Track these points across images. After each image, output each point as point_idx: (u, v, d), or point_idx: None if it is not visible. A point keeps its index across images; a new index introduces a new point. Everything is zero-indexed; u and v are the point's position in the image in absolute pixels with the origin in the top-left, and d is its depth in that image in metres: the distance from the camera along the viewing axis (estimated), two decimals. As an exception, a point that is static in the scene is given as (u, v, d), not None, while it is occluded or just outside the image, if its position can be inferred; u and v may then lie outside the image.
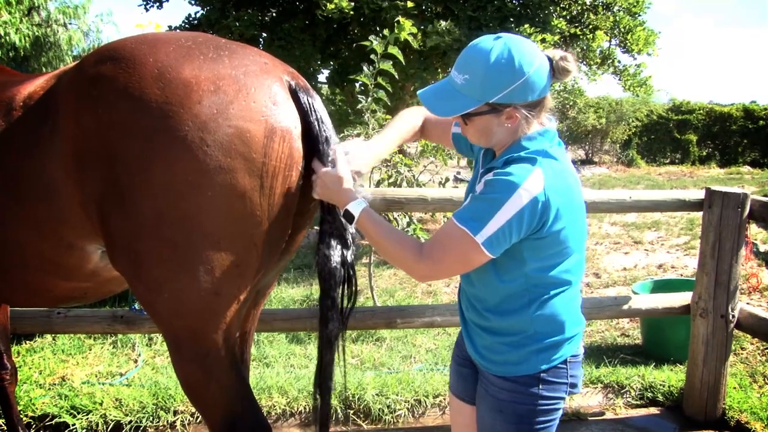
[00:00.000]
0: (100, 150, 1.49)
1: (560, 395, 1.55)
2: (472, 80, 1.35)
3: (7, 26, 12.20)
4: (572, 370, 1.56)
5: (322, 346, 1.77)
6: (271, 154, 1.51)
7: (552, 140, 1.46)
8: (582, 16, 9.76)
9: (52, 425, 2.88)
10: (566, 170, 1.45)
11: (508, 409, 1.55)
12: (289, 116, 1.56)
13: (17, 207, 1.65)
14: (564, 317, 1.52)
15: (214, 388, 1.64)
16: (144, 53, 1.52)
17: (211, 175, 1.45)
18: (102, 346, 4.05)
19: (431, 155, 6.10)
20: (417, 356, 4.03)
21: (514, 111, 1.38)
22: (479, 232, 1.35)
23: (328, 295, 1.69)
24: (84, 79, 1.56)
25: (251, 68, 1.55)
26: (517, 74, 1.33)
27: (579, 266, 1.53)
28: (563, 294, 1.51)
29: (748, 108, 18.91)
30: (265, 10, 9.07)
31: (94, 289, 1.87)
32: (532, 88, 1.36)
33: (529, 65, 1.34)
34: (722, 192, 2.88)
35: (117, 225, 1.51)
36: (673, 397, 3.23)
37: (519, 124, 1.42)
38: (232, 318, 1.61)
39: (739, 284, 2.97)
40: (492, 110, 1.38)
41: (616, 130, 17.16)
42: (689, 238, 7.33)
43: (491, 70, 1.33)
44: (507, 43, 1.35)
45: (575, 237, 1.46)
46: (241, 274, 1.56)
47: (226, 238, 1.51)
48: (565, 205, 1.39)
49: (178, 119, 1.44)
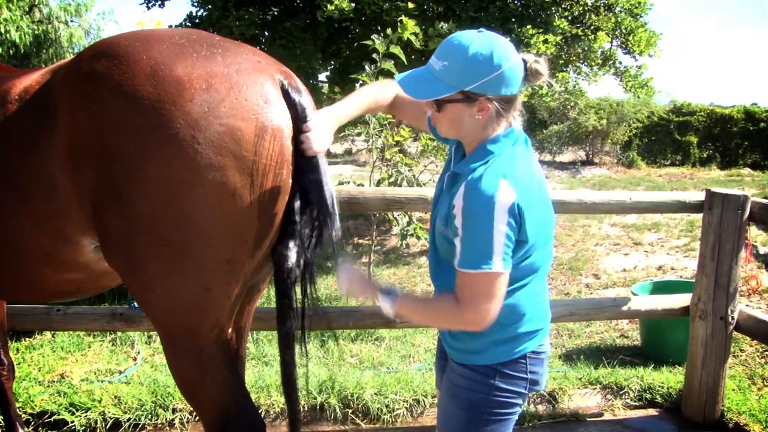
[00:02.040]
0: (94, 146, 1.50)
1: (518, 390, 1.56)
2: (451, 67, 1.39)
3: (8, 23, 12.19)
4: (533, 366, 1.56)
5: (281, 344, 1.78)
6: (261, 152, 1.51)
7: (516, 140, 1.49)
8: (584, 16, 9.75)
9: (50, 422, 2.87)
10: (530, 169, 1.48)
11: (462, 395, 1.57)
12: (281, 115, 1.57)
13: (12, 200, 1.65)
14: (526, 310, 1.53)
15: (208, 384, 1.65)
16: (138, 50, 1.53)
17: (203, 173, 1.46)
18: (101, 343, 4.05)
19: (432, 155, 6.10)
20: (416, 356, 4.04)
21: (487, 102, 1.41)
22: (493, 264, 1.37)
23: (284, 294, 1.69)
24: (79, 75, 1.56)
25: (244, 66, 1.56)
26: (495, 66, 1.38)
27: (545, 260, 1.55)
28: (527, 287, 1.52)
29: (749, 110, 18.89)
30: (266, 9, 9.07)
31: (88, 282, 1.87)
32: (507, 83, 1.40)
33: (506, 60, 1.39)
34: (722, 194, 2.88)
35: (111, 221, 1.52)
36: (672, 398, 3.23)
37: (489, 119, 1.44)
38: (225, 314, 1.62)
39: (738, 286, 2.98)
40: (466, 99, 1.41)
41: (617, 132, 17.14)
42: (689, 239, 7.33)
43: (470, 59, 1.37)
44: (488, 37, 1.41)
45: (540, 233, 1.48)
46: (232, 270, 1.57)
47: (217, 235, 1.51)
48: (531, 205, 1.42)
49: (171, 117, 1.45)
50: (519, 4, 8.48)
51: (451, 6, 8.17)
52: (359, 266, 1.60)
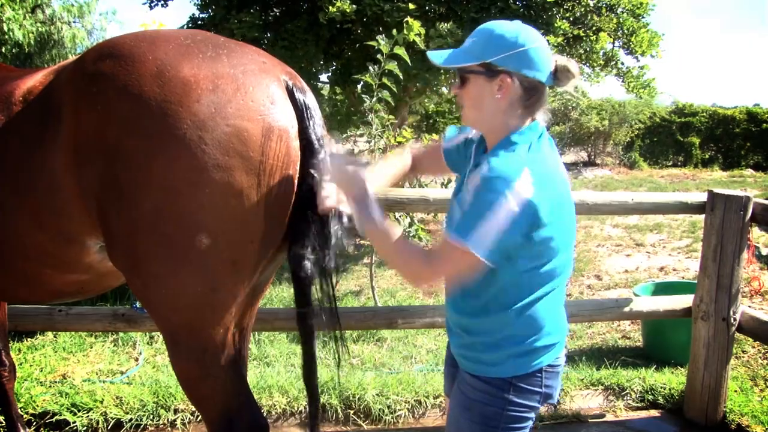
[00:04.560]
0: (99, 146, 1.50)
1: (532, 404, 1.52)
2: (477, 41, 1.44)
3: (11, 23, 12.22)
4: (548, 380, 1.53)
5: (303, 341, 1.81)
6: (268, 153, 1.52)
7: (541, 135, 1.46)
8: (585, 17, 9.74)
9: (52, 423, 2.88)
10: (554, 168, 1.45)
11: (475, 408, 1.53)
12: (287, 115, 1.57)
13: (17, 199, 1.65)
14: (545, 322, 1.50)
15: (211, 384, 1.65)
16: (143, 51, 1.53)
17: (209, 173, 1.46)
18: (103, 344, 4.06)
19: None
20: (418, 357, 4.03)
21: (507, 78, 1.41)
22: (476, 246, 1.33)
23: (303, 293, 1.71)
24: (84, 75, 1.56)
25: (250, 67, 1.56)
26: (518, 44, 1.40)
27: (565, 266, 1.51)
28: (547, 298, 1.49)
29: (752, 111, 18.86)
30: (268, 10, 9.07)
31: (90, 283, 1.87)
32: (529, 63, 1.41)
33: (531, 41, 1.42)
34: (725, 195, 2.87)
35: (115, 221, 1.52)
36: (674, 399, 3.23)
37: (510, 104, 1.43)
38: (228, 314, 1.62)
39: (740, 287, 2.97)
40: (487, 71, 1.42)
41: (619, 132, 17.13)
42: (691, 240, 7.32)
43: (495, 34, 1.43)
44: (518, 23, 1.45)
45: (562, 236, 1.45)
46: (237, 271, 1.57)
47: (223, 235, 1.51)
48: (553, 205, 1.38)
49: (177, 118, 1.45)
50: (520, 4, 8.47)
51: (453, 7, 8.17)
52: (354, 158, 1.53)
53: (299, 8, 8.89)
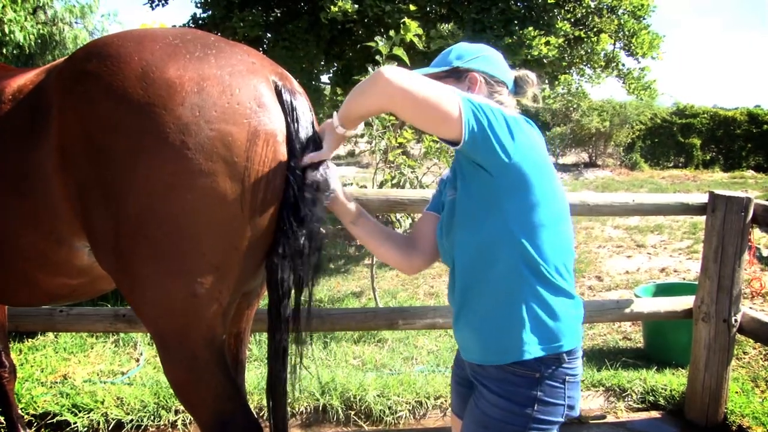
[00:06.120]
0: (84, 147, 1.48)
1: (556, 419, 1.48)
2: (445, 54, 1.67)
3: (12, 24, 12.22)
4: (570, 391, 1.49)
5: (269, 355, 1.73)
6: (253, 158, 1.47)
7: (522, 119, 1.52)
8: (586, 18, 9.75)
9: (53, 423, 2.88)
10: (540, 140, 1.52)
11: (495, 427, 1.48)
12: (274, 119, 1.53)
13: (7, 199, 1.64)
14: (558, 311, 1.46)
15: (203, 389, 1.62)
16: (129, 51, 1.50)
17: (192, 179, 1.43)
18: (104, 344, 4.06)
19: (434, 157, 6.10)
20: (418, 357, 4.03)
21: (475, 74, 1.61)
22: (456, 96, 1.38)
23: (275, 305, 1.64)
24: (71, 75, 1.54)
25: (237, 68, 1.52)
26: (480, 49, 1.67)
27: (566, 247, 1.49)
28: (560, 300, 1.47)
29: (753, 112, 18.87)
30: (269, 10, 9.09)
31: (82, 286, 1.85)
32: (491, 63, 1.65)
33: (489, 50, 1.68)
34: (726, 196, 2.87)
35: (100, 222, 1.50)
36: (675, 401, 3.23)
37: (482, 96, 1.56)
38: (215, 320, 1.58)
39: (741, 288, 2.97)
40: (455, 73, 1.62)
41: (620, 134, 17.12)
42: (692, 241, 7.31)
43: (460, 46, 1.69)
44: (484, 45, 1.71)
45: (542, 183, 1.44)
46: (222, 277, 1.53)
47: (206, 241, 1.48)
48: (533, 143, 1.45)
49: (161, 121, 1.42)
50: (521, 6, 8.48)
51: (453, 8, 8.18)
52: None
53: (300, 9, 8.91)
